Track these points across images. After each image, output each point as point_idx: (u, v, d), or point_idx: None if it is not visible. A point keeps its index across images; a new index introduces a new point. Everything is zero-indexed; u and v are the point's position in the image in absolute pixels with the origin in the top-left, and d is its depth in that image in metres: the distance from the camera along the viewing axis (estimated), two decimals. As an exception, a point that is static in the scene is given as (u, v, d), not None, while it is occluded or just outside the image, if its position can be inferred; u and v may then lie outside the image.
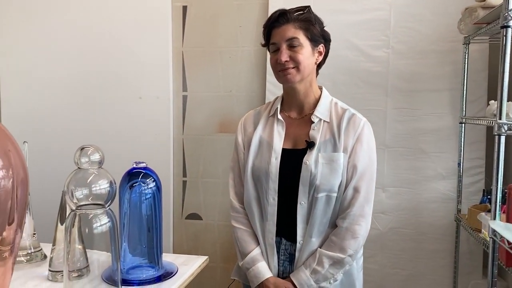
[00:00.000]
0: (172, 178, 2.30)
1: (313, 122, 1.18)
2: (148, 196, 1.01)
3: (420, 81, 1.94)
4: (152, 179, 1.01)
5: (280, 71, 1.17)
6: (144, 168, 1.01)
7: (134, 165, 1.01)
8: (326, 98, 1.22)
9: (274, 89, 2.09)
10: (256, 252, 1.19)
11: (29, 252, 1.08)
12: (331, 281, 1.14)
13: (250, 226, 1.22)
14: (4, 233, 0.80)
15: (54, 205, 1.21)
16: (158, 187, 1.01)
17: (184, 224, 2.37)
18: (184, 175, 2.35)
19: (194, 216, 2.37)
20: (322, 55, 1.23)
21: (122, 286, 0.90)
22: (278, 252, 1.19)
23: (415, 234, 1.96)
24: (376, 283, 2.01)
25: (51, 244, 1.03)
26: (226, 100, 2.26)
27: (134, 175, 1.01)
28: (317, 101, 1.21)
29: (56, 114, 2.30)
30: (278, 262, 1.19)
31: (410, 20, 1.93)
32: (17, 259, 1.06)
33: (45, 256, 1.11)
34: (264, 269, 1.18)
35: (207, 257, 1.14)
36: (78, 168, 0.81)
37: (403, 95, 1.96)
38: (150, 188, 1.00)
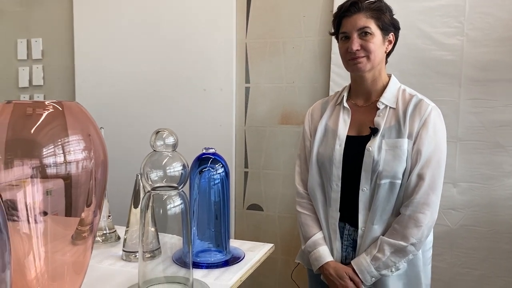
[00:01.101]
0: (234, 168, 2.33)
1: (378, 109, 1.17)
2: (217, 181, 1.02)
3: (497, 70, 1.82)
4: (221, 165, 1.02)
5: (350, 59, 1.17)
6: (213, 154, 1.03)
7: (204, 151, 1.03)
8: (394, 85, 1.20)
9: (339, 79, 2.05)
10: (318, 236, 1.21)
11: (105, 233, 1.14)
12: (393, 270, 1.12)
13: (313, 211, 1.24)
14: (83, 214, 0.85)
15: (127, 190, 1.27)
16: (227, 173, 1.03)
17: (246, 215, 2.40)
18: (246, 166, 2.37)
19: (255, 207, 2.39)
20: (392, 44, 1.22)
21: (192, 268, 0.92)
22: (341, 237, 1.19)
23: (489, 232, 1.85)
24: (444, 282, 1.92)
25: (125, 226, 1.08)
26: (288, 91, 2.25)
27: (203, 161, 1.03)
28: (384, 88, 1.20)
29: (126, 106, 2.41)
30: (342, 247, 1.19)
31: (486, 5, 1.81)
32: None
33: (119, 237, 1.16)
34: (325, 253, 1.19)
35: (272, 244, 1.15)
36: (154, 150, 0.83)
37: (478, 85, 1.84)
38: (218, 173, 1.02)
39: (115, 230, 1.17)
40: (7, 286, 0.56)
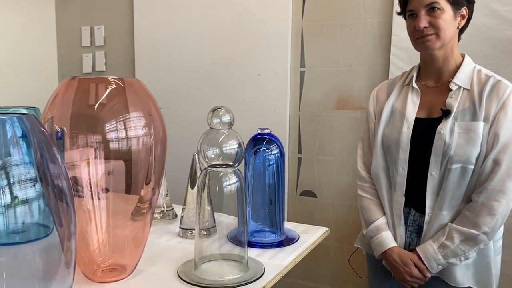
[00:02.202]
0: (288, 154, 2.32)
1: (451, 90, 1.09)
2: (272, 162, 1.01)
3: None
4: (276, 146, 1.01)
5: (418, 38, 1.10)
6: (268, 134, 1.02)
7: (259, 131, 1.02)
8: (469, 65, 1.12)
9: (400, 62, 1.97)
10: (381, 221, 1.17)
11: (163, 210, 1.17)
12: (462, 258, 1.06)
13: (376, 196, 1.20)
14: (142, 191, 0.87)
15: (184, 170, 1.29)
16: (282, 153, 1.01)
17: (298, 201, 2.38)
18: (300, 151, 2.35)
19: (308, 193, 2.36)
20: (465, 19, 1.13)
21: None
22: (406, 223, 1.14)
23: None
24: (510, 277, 1.81)
25: (182, 205, 1.10)
26: (345, 75, 2.19)
27: (258, 141, 1.02)
28: (457, 68, 1.12)
29: (183, 90, 2.46)
30: (405, 233, 1.15)
31: None
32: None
33: (176, 215, 1.18)
34: (389, 238, 1.15)
35: (327, 228, 1.12)
36: (210, 128, 0.84)
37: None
38: (273, 154, 1.01)
39: (173, 208, 1.19)
40: (72, 253, 0.59)
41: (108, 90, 0.77)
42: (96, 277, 0.81)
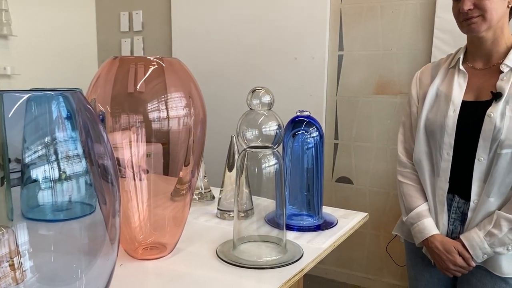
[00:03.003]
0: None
1: (502, 72, 1.04)
2: (310, 145, 1.00)
3: None
4: (315, 128, 1.00)
5: (463, 20, 1.05)
6: (308, 117, 1.00)
7: (298, 114, 1.01)
8: None
9: (443, 45, 1.89)
10: (422, 208, 1.13)
11: (201, 191, 1.18)
12: (509, 248, 1.01)
13: (417, 182, 1.16)
14: (181, 173, 0.88)
15: (222, 153, 1.30)
16: (321, 136, 1.00)
17: (334, 187, 2.35)
18: (336, 137, 2.32)
19: (344, 180, 2.33)
20: None
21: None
22: (449, 210, 1.11)
23: None
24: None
25: (218, 187, 1.11)
26: (385, 59, 2.13)
27: (297, 124, 1.00)
28: (508, 49, 1.06)
29: (220, 75, 2.46)
30: (448, 220, 1.11)
31: None
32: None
33: (213, 197, 1.19)
34: (430, 225, 1.11)
35: (366, 214, 1.10)
36: (250, 109, 0.83)
37: None
38: (312, 137, 0.99)
39: (210, 190, 1.20)
40: (117, 230, 0.60)
41: (150, 70, 0.78)
42: (137, 254, 0.83)
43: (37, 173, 0.52)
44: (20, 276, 0.54)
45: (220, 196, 1.08)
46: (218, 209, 1.07)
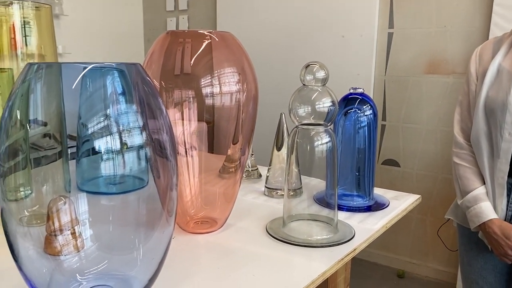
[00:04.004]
0: (370, 120, 2.24)
1: None
2: (363, 124, 0.97)
3: None
4: (369, 106, 0.96)
5: None
6: (361, 94, 0.97)
7: (351, 91, 0.98)
8: None
9: (503, 22, 1.78)
10: (480, 191, 1.08)
11: (248, 169, 1.18)
12: None
13: (475, 164, 1.11)
14: (229, 151, 0.88)
15: (268, 131, 1.28)
16: (375, 114, 0.96)
17: (380, 170, 2.30)
18: (384, 118, 2.25)
19: (391, 162, 2.27)
20: None
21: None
22: (508, 194, 1.05)
23: None
24: None
25: (265, 165, 1.10)
26: (438, 37, 2.03)
27: (350, 101, 0.98)
28: None
29: (266, 55, 2.43)
30: (507, 205, 1.06)
31: None
32: (238, 174, 1.16)
33: (260, 175, 1.19)
34: (488, 209, 1.06)
35: (419, 196, 1.07)
36: (303, 85, 0.81)
37: None
38: (366, 115, 0.96)
39: (257, 168, 1.20)
40: (174, 203, 0.60)
41: (203, 45, 0.77)
42: (189, 228, 0.84)
43: (93, 146, 0.52)
44: (80, 244, 0.56)
45: (268, 175, 1.07)
46: (265, 187, 1.07)
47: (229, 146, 0.86)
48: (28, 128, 0.52)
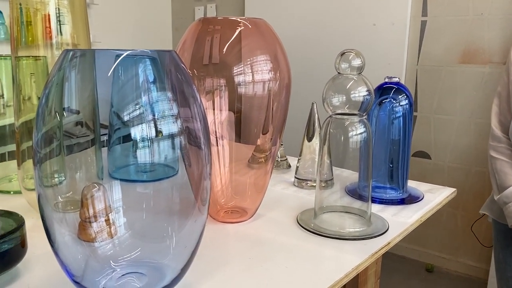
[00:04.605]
0: (401, 111, 2.18)
1: None
2: (398, 114, 0.94)
3: None
4: (405, 96, 0.93)
5: None
6: (397, 84, 0.94)
7: (386, 80, 0.95)
8: None
9: (546, 8, 1.69)
10: None
11: (277, 160, 1.17)
12: None
13: None
14: (259, 141, 0.86)
15: (298, 121, 1.27)
16: (411, 105, 0.93)
17: (410, 161, 2.25)
18: (415, 109, 2.20)
19: (422, 154, 2.22)
20: None
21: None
22: None
23: None
24: None
25: (294, 156, 1.09)
26: (474, 24, 1.96)
27: (385, 91, 0.95)
28: None
29: (295, 40, 2.40)
30: None
31: None
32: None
33: (290, 165, 1.18)
34: None
35: (455, 189, 1.03)
36: (338, 73, 0.79)
37: None
38: (401, 105, 0.93)
39: (286, 158, 1.19)
40: (208, 192, 0.60)
41: (236, 32, 0.76)
42: (219, 217, 0.84)
43: (124, 134, 0.52)
44: (114, 231, 0.56)
45: (297, 165, 1.06)
46: (295, 177, 1.06)
47: (259, 136, 0.85)
48: (62, 116, 0.52)
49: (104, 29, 2.68)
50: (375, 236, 0.77)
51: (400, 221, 0.84)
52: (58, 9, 0.81)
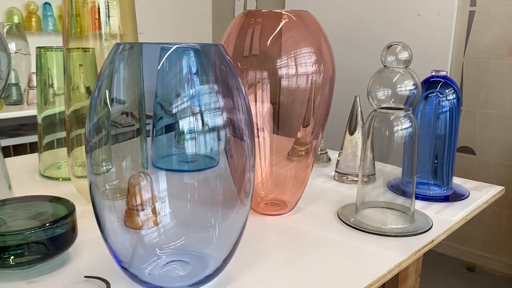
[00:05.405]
0: (445, 105, 2.11)
1: None
2: (445, 109, 0.91)
3: None
4: (452, 90, 0.90)
5: None
6: (444, 77, 0.91)
7: (433, 73, 0.92)
8: None
9: None
10: None
11: (317, 153, 1.16)
12: None
13: None
14: (299, 134, 0.86)
15: (339, 114, 1.25)
16: (458, 99, 0.90)
17: (453, 157, 2.18)
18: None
19: (466, 150, 2.15)
20: None
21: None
22: None
23: None
24: None
25: (334, 149, 1.08)
26: (528, 15, 1.86)
27: (431, 85, 0.92)
28: None
29: (337, 32, 2.36)
30: None
31: None
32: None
33: (329, 159, 1.17)
34: None
35: (503, 187, 0.99)
36: (384, 66, 0.77)
37: None
38: (448, 100, 0.90)
39: (327, 152, 1.18)
40: (251, 183, 0.60)
41: (280, 25, 0.75)
42: (259, 209, 0.84)
43: (167, 124, 0.53)
44: (159, 220, 0.58)
45: (338, 159, 1.05)
46: (336, 171, 1.05)
47: (299, 129, 0.85)
48: (110, 106, 0.54)
49: (146, 20, 2.73)
50: (418, 234, 0.75)
51: (445, 218, 0.82)
52: (108, 1, 0.83)
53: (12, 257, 0.58)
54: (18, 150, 2.17)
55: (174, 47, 0.52)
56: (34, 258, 0.59)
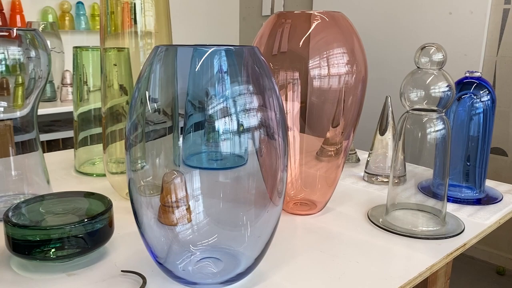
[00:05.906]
0: (476, 105, 2.07)
1: None
2: (479, 110, 0.89)
3: None
4: (487, 92, 0.89)
5: None
6: (478, 78, 0.89)
7: (467, 74, 0.90)
8: None
9: None
10: None
11: (346, 153, 1.16)
12: None
13: None
14: (328, 134, 0.86)
15: (369, 116, 1.24)
16: (493, 101, 0.89)
17: (484, 158, 2.13)
18: (492, 103, 2.07)
19: (497, 151, 2.10)
20: None
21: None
22: None
23: None
24: None
25: (364, 150, 1.07)
26: None
27: (465, 86, 0.90)
28: None
29: (368, 30, 2.34)
30: None
31: None
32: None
33: (359, 159, 1.16)
34: None
35: (538, 191, 0.97)
36: (417, 68, 0.76)
37: None
38: (482, 102, 0.89)
39: (355, 152, 1.17)
40: (284, 183, 0.61)
41: (313, 25, 0.75)
42: (288, 208, 0.85)
43: (197, 122, 0.54)
44: (193, 217, 0.59)
45: (368, 159, 1.04)
46: (365, 172, 1.04)
47: (328, 129, 0.85)
48: (146, 104, 0.56)
49: (174, 18, 2.76)
50: (450, 237, 0.74)
51: (477, 222, 0.81)
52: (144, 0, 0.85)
53: (53, 250, 0.60)
54: (51, 145, 2.24)
55: (210, 50, 0.53)
56: (73, 252, 0.61)
